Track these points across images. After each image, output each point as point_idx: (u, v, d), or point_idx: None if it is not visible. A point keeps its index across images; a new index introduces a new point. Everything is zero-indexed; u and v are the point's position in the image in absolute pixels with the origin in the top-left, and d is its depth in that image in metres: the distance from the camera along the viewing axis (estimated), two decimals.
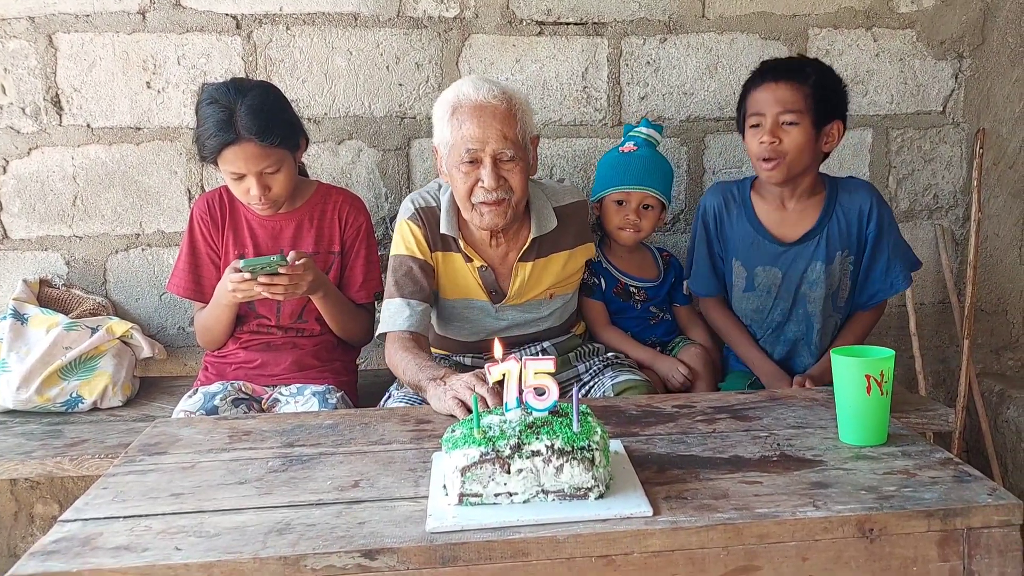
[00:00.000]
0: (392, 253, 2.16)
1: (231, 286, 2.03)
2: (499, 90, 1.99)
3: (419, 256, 2.12)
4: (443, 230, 2.11)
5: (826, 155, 2.21)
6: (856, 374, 1.52)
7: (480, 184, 1.99)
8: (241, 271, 1.99)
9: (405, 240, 2.13)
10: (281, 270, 1.99)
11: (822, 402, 1.77)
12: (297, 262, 2.02)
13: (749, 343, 2.31)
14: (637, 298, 2.40)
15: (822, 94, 2.10)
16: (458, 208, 2.11)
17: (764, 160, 2.12)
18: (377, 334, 2.13)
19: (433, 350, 2.22)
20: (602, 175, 2.40)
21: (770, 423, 1.66)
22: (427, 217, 2.14)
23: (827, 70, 2.18)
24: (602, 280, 2.39)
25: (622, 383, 2.08)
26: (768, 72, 2.13)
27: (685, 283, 2.45)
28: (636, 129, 2.42)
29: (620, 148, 2.39)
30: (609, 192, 2.34)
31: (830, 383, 1.67)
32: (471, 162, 1.99)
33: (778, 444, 1.54)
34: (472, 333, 2.22)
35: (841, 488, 1.35)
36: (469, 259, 2.14)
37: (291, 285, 2.02)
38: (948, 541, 1.28)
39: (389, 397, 2.15)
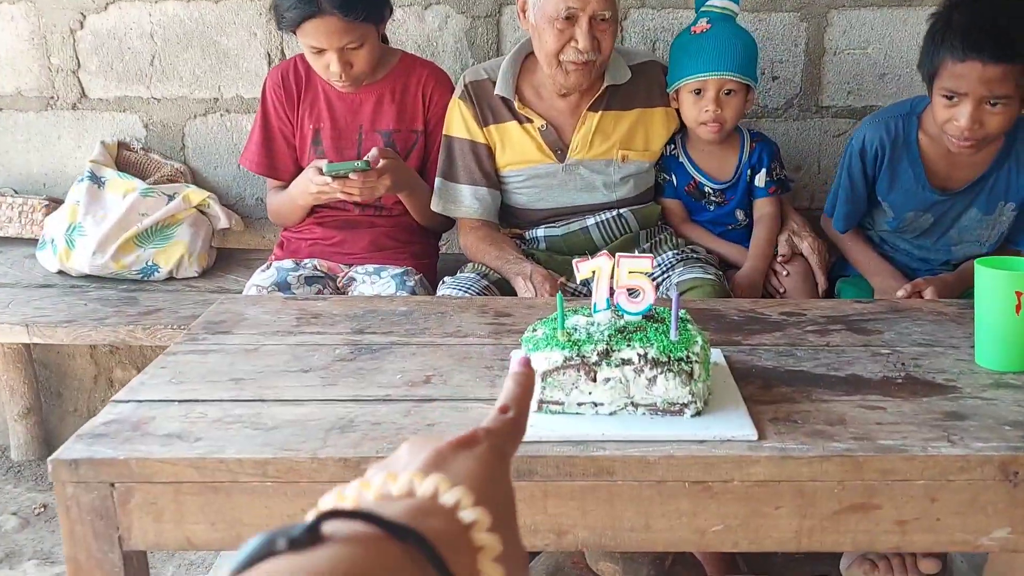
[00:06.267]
0: (445, 132, 2.10)
1: (314, 188, 1.99)
2: None
3: (474, 139, 2.07)
4: (498, 91, 2.03)
5: None
6: (1005, 289, 1.30)
7: (573, 44, 1.90)
8: (324, 174, 1.93)
9: (457, 121, 2.09)
10: (355, 177, 1.92)
11: (953, 317, 1.56)
12: (379, 163, 1.93)
13: (871, 252, 2.10)
14: (713, 199, 2.17)
15: None
16: (520, 68, 2.05)
17: (961, 139, 1.85)
18: (448, 214, 2.13)
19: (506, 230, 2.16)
20: (674, 63, 2.11)
21: (893, 339, 1.46)
22: (476, 92, 2.07)
23: None
24: (674, 177, 2.17)
25: (685, 282, 1.88)
26: (973, 47, 1.78)
27: (762, 173, 2.13)
28: (708, 3, 2.11)
29: (692, 28, 2.09)
30: (684, 82, 2.05)
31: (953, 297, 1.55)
32: (567, 18, 1.87)
33: (903, 364, 1.36)
34: (539, 199, 2.10)
35: (980, 421, 1.16)
36: (528, 120, 2.04)
37: (368, 188, 1.95)
38: None
39: (443, 284, 2.01)
